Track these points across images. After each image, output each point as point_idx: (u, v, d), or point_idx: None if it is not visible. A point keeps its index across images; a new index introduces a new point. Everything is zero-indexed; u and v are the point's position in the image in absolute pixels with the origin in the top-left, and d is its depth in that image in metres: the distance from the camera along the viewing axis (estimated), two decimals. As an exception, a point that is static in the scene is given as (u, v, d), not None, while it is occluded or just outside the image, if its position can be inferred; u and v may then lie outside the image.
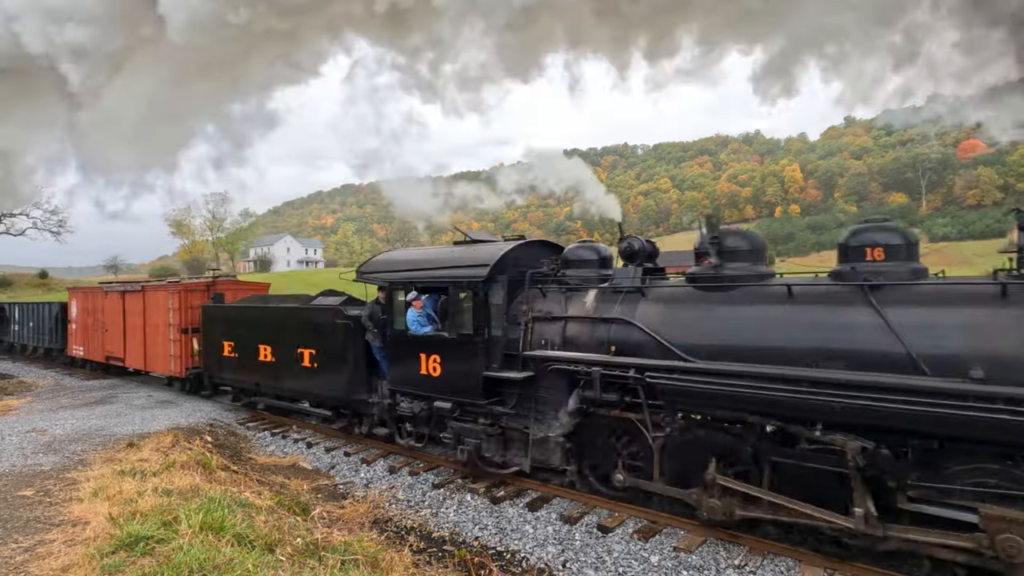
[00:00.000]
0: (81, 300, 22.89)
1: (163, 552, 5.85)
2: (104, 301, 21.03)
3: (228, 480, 9.49)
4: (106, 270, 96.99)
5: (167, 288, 17.67)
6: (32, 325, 27.16)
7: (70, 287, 24.93)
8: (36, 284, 69.26)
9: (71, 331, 23.63)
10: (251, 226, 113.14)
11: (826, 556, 6.90)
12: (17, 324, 29.19)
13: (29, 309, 27.97)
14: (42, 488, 8.77)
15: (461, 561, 7.53)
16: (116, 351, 20.45)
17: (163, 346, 17.62)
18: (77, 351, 23.14)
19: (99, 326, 21.35)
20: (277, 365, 13.39)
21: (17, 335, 29.37)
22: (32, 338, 27.48)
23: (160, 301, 17.76)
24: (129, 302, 19.53)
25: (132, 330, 19.34)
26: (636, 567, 7.23)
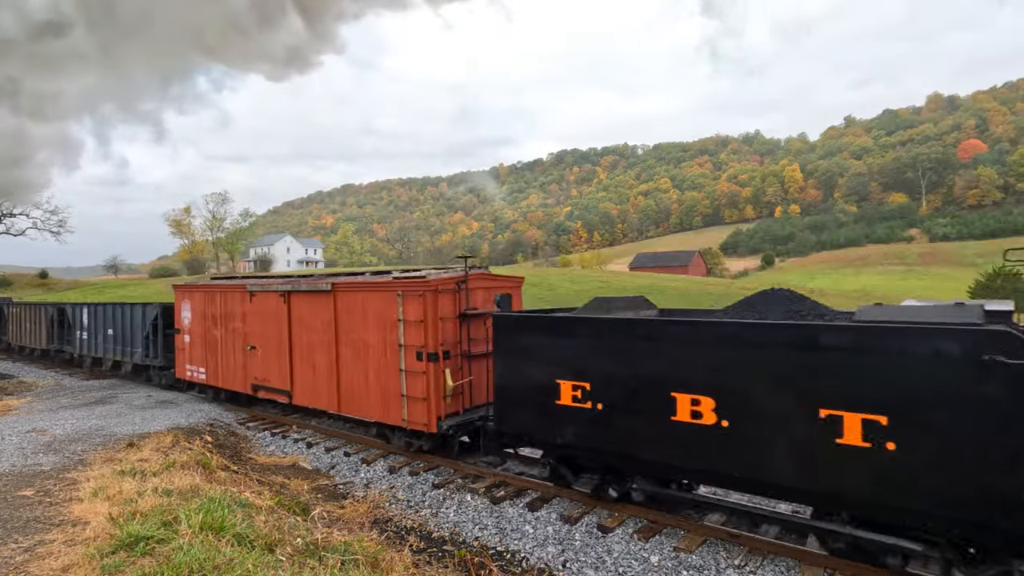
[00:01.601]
0: (200, 302, 16.21)
1: (163, 552, 5.85)
2: (247, 305, 14.55)
3: (228, 480, 9.49)
4: (106, 270, 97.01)
5: (392, 287, 10.89)
6: (111, 333, 21.16)
7: (179, 284, 17.85)
8: (36, 284, 69.26)
9: (181, 345, 17.21)
10: (251, 226, 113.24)
11: (826, 556, 6.89)
12: (85, 331, 23.01)
13: (107, 312, 21.67)
14: (42, 488, 8.77)
15: (461, 561, 7.53)
16: (273, 379, 13.90)
17: (384, 379, 11.08)
18: (195, 373, 16.66)
19: (236, 341, 14.96)
20: (739, 433, 6.91)
21: (87, 345, 23.00)
22: (112, 350, 21.23)
23: (377, 307, 11.17)
24: (302, 307, 12.96)
25: (308, 350, 12.85)
26: (636, 567, 7.23)
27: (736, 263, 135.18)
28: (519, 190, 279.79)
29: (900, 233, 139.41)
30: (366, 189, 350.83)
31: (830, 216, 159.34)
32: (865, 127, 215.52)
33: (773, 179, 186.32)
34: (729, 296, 50.32)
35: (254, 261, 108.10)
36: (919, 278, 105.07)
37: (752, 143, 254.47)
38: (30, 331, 27.62)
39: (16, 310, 29.67)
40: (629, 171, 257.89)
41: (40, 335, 26.38)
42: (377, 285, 11.26)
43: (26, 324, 28.08)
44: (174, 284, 18.36)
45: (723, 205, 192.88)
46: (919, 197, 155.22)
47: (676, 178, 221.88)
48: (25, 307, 28.97)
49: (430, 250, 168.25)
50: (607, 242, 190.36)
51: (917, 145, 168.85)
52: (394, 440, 11.62)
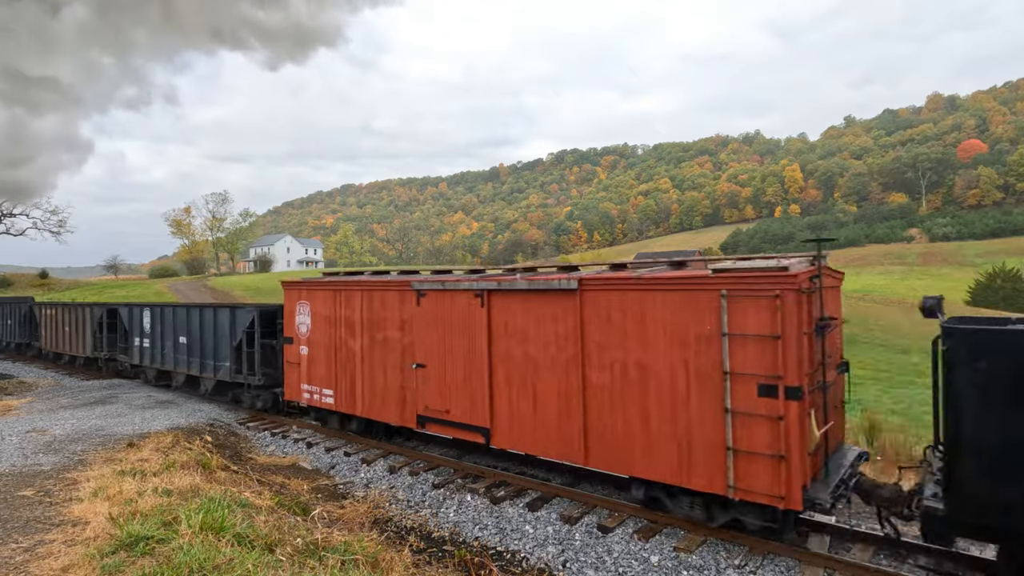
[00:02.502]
0: (328, 304, 12.47)
1: (163, 552, 5.86)
2: (410, 308, 10.69)
3: (228, 480, 9.49)
4: (106, 270, 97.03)
5: (705, 283, 7.33)
6: (184, 342, 17.26)
7: (292, 281, 13.73)
8: (36, 284, 69.25)
9: (294, 358, 13.40)
10: (251, 226, 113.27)
11: (826, 556, 6.89)
12: (146, 338, 19.20)
13: (178, 316, 17.56)
14: (42, 488, 8.77)
15: (461, 561, 7.53)
16: (456, 410, 10.01)
17: (682, 421, 7.53)
18: (316, 396, 12.90)
19: (391, 356, 11.14)
20: None
21: (148, 355, 19.20)
22: (186, 362, 17.32)
23: (666, 313, 7.66)
24: (514, 312, 9.19)
25: (523, 372, 9.10)
26: (636, 567, 7.23)
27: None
28: (519, 190, 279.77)
29: (900, 233, 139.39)
30: (366, 189, 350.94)
31: (830, 216, 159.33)
32: (865, 127, 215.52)
33: (773, 179, 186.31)
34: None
35: (254, 261, 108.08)
36: (919, 278, 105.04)
37: (752, 143, 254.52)
38: (71, 336, 23.89)
39: (51, 312, 25.70)
40: (629, 171, 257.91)
41: (83, 341, 22.93)
42: (674, 281, 7.54)
43: (65, 328, 24.29)
44: (284, 281, 13.98)
45: (723, 205, 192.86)
46: (919, 197, 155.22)
47: (676, 178, 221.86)
48: (64, 308, 24.74)
49: (430, 250, 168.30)
50: (607, 242, 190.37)
51: (917, 145, 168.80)
52: (692, 512, 7.80)
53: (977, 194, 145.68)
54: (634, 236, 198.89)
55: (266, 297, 51.52)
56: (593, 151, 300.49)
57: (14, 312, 30.33)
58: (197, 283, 67.16)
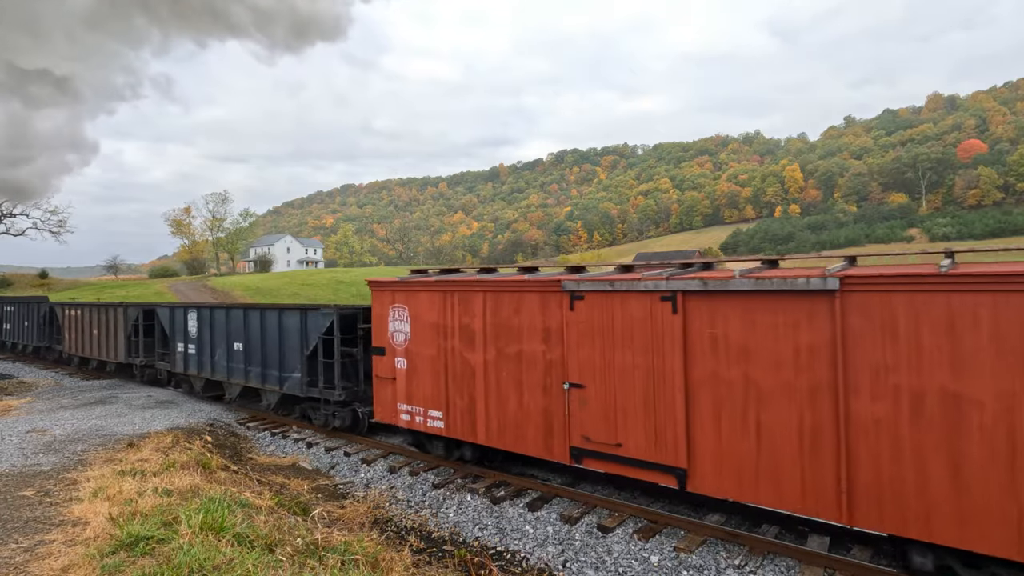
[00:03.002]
0: (436, 307, 10.32)
1: (163, 552, 5.86)
2: (561, 314, 8.72)
3: (228, 480, 9.50)
4: (106, 270, 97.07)
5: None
6: (240, 349, 14.98)
7: (382, 281, 11.37)
8: (36, 284, 69.29)
9: (387, 372, 11.16)
10: (251, 226, 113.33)
11: (826, 556, 6.89)
12: (192, 344, 16.76)
13: (232, 319, 15.30)
14: (42, 488, 8.77)
15: (461, 561, 7.53)
16: (632, 442, 8.02)
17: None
18: (418, 417, 10.70)
19: (532, 373, 9.05)
20: None
21: (194, 363, 16.75)
22: (243, 373, 14.98)
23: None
24: (726, 319, 7.22)
25: (736, 398, 7.16)
26: (636, 567, 7.23)
27: (736, 264, 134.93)
28: (519, 190, 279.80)
29: (900, 233, 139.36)
30: (366, 189, 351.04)
31: (830, 216, 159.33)
32: (865, 127, 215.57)
33: (773, 179, 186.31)
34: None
35: (254, 261, 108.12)
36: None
37: (752, 143, 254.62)
38: (100, 340, 21.64)
39: (76, 312, 23.37)
40: (629, 171, 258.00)
41: (115, 345, 20.68)
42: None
43: (92, 331, 22.10)
44: (371, 280, 11.54)
45: (723, 205, 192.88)
46: (919, 197, 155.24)
47: (676, 178, 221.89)
48: (92, 309, 22.31)
49: (430, 250, 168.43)
50: (607, 242, 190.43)
51: (917, 145, 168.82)
52: None
53: (977, 194, 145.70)
54: (634, 236, 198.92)
55: (266, 297, 51.53)
56: (593, 151, 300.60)
57: (31, 313, 28.01)
58: (197, 283, 67.18)
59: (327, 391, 12.72)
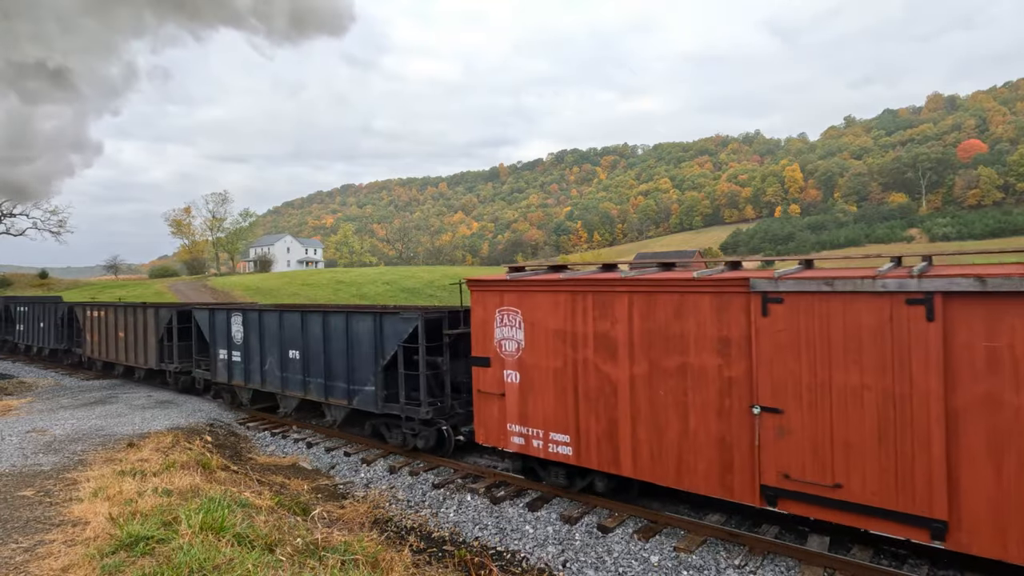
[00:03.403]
0: (557, 311, 8.77)
1: (163, 552, 5.86)
2: (753, 320, 7.04)
3: (228, 480, 9.50)
4: (106, 270, 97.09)
5: None
6: (295, 357, 13.39)
7: (483, 280, 9.74)
8: (36, 284, 69.28)
9: (492, 386, 9.52)
10: (251, 226, 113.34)
11: (827, 556, 6.89)
12: (236, 351, 15.03)
13: (289, 324, 13.57)
14: (42, 488, 8.77)
15: (461, 561, 7.54)
16: (858, 484, 6.40)
17: None
18: (532, 440, 9.08)
19: (700, 393, 7.47)
20: None
21: (240, 371, 15.05)
22: (301, 384, 13.36)
23: None
24: (1001, 327, 5.64)
25: None
26: (636, 567, 7.23)
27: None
28: (519, 190, 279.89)
29: (900, 233, 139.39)
30: (366, 189, 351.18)
31: (830, 216, 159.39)
32: (865, 127, 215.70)
33: (773, 179, 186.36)
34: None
35: (254, 261, 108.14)
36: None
37: (752, 143, 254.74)
38: (128, 344, 19.97)
39: (99, 314, 21.84)
40: (629, 171, 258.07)
41: (145, 350, 19.00)
42: None
43: (118, 333, 20.52)
44: (472, 280, 9.82)
45: (723, 205, 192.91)
46: (919, 197, 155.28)
47: (676, 178, 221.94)
48: (119, 310, 20.74)
49: (430, 250, 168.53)
50: (607, 242, 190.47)
51: (917, 145, 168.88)
52: None
53: (977, 194, 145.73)
54: (634, 236, 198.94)
55: (265, 297, 51.51)
56: (593, 151, 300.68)
57: (47, 314, 26.18)
58: (197, 283, 67.19)
59: (410, 408, 10.92)
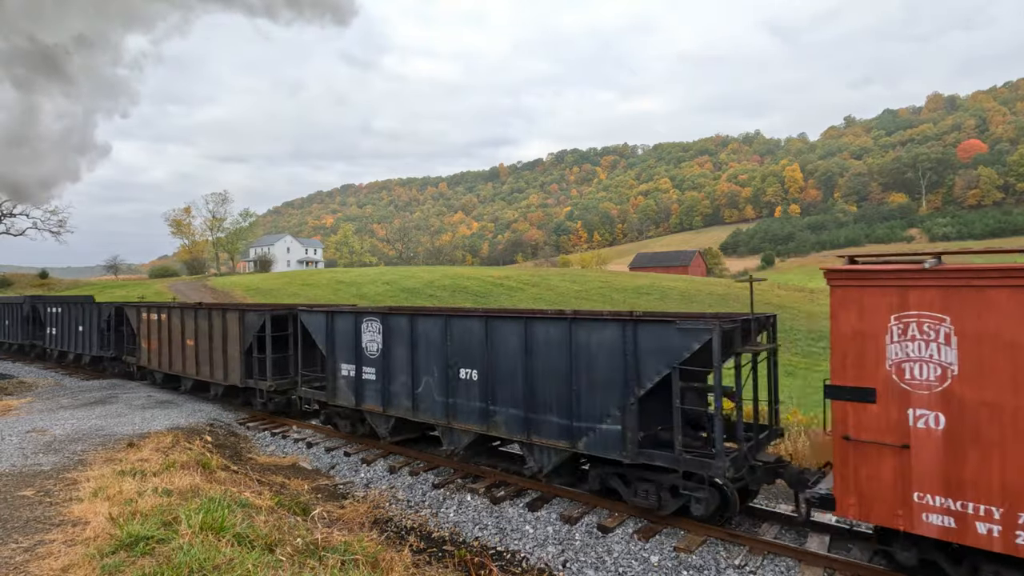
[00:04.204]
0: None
1: (163, 552, 5.86)
2: None
3: (228, 480, 9.50)
4: (106, 270, 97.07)
5: None
6: (471, 377, 10.02)
7: (854, 269, 6.35)
8: (36, 284, 69.27)
9: (886, 435, 6.15)
10: (251, 226, 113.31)
11: (826, 556, 6.89)
12: (368, 365, 11.67)
13: (453, 333, 10.22)
14: (42, 488, 8.77)
15: (461, 561, 7.54)
16: None
17: None
18: (978, 522, 5.70)
19: None
20: None
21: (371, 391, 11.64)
22: (479, 411, 9.85)
23: None
24: None
25: None
26: (636, 567, 7.23)
27: (736, 263, 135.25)
28: (519, 190, 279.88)
29: (900, 233, 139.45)
30: (366, 189, 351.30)
31: (830, 216, 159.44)
32: (865, 127, 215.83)
33: (773, 179, 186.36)
34: (732, 296, 50.34)
35: (254, 261, 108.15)
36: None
37: (752, 143, 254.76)
38: (196, 353, 16.65)
39: (158, 316, 18.41)
40: (629, 171, 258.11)
41: (222, 362, 15.68)
42: None
43: (186, 341, 17.07)
44: (832, 269, 6.58)
45: (723, 205, 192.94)
46: (919, 197, 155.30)
47: (676, 178, 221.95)
48: (185, 313, 17.28)
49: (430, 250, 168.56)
50: (607, 242, 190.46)
51: (917, 145, 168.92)
52: None
53: (977, 194, 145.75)
54: (634, 236, 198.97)
55: (265, 297, 51.49)
56: (593, 151, 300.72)
57: (89, 316, 22.64)
58: (197, 283, 67.20)
59: (694, 460, 7.63)
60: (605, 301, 46.70)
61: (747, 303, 48.56)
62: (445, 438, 10.59)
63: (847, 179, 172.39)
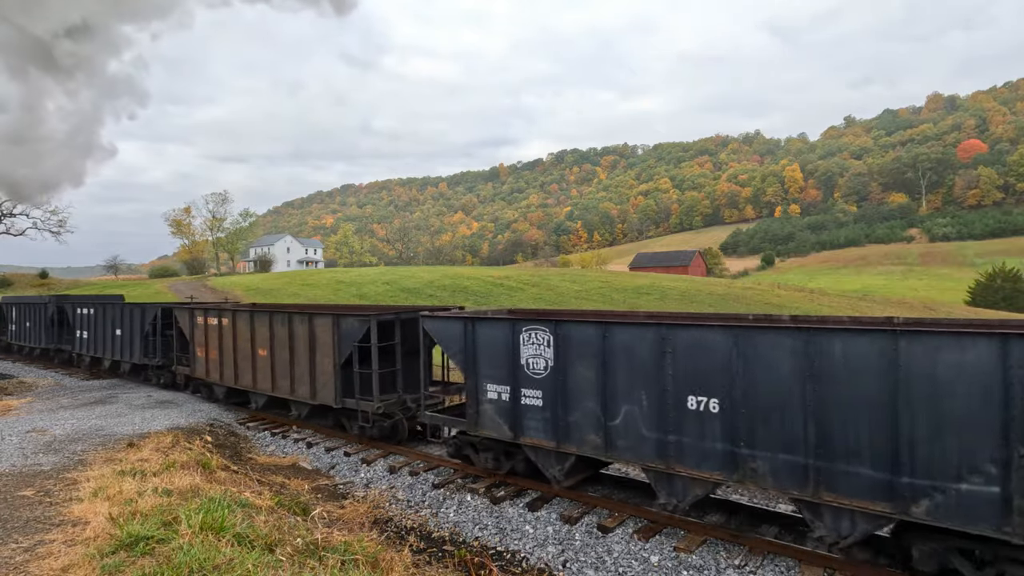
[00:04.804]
0: None
1: (163, 552, 5.86)
2: None
3: (228, 480, 9.49)
4: (106, 270, 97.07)
5: None
6: (712, 408, 7.29)
7: None
8: (36, 284, 69.26)
9: None
10: (251, 226, 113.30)
11: (826, 556, 6.89)
12: (532, 388, 8.97)
13: (692, 348, 7.44)
14: (42, 488, 8.77)
15: (461, 561, 7.53)
16: None
17: None
18: None
19: None
20: None
21: (539, 421, 8.91)
22: (760, 463, 6.93)
23: None
24: None
25: None
26: (636, 567, 7.23)
27: (736, 263, 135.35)
28: (519, 190, 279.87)
29: (900, 233, 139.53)
30: (366, 189, 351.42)
31: (830, 216, 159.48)
32: (865, 127, 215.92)
33: (773, 179, 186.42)
34: (732, 296, 50.32)
35: (254, 261, 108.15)
36: (919, 278, 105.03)
37: (752, 143, 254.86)
38: (271, 365, 13.89)
39: (215, 321, 15.68)
40: (629, 171, 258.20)
41: (308, 377, 12.94)
42: None
43: (254, 349, 14.39)
44: None
45: (723, 205, 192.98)
46: (919, 197, 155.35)
47: (676, 178, 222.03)
48: (255, 317, 14.47)
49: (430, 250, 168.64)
50: (607, 242, 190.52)
51: (917, 145, 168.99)
52: None
53: (977, 194, 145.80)
54: (634, 236, 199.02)
55: (265, 297, 51.48)
56: (593, 151, 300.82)
57: (129, 319, 19.67)
58: (197, 283, 67.22)
59: None
60: (605, 301, 46.71)
61: (747, 303, 48.51)
62: (661, 487, 7.92)
63: (847, 179, 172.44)
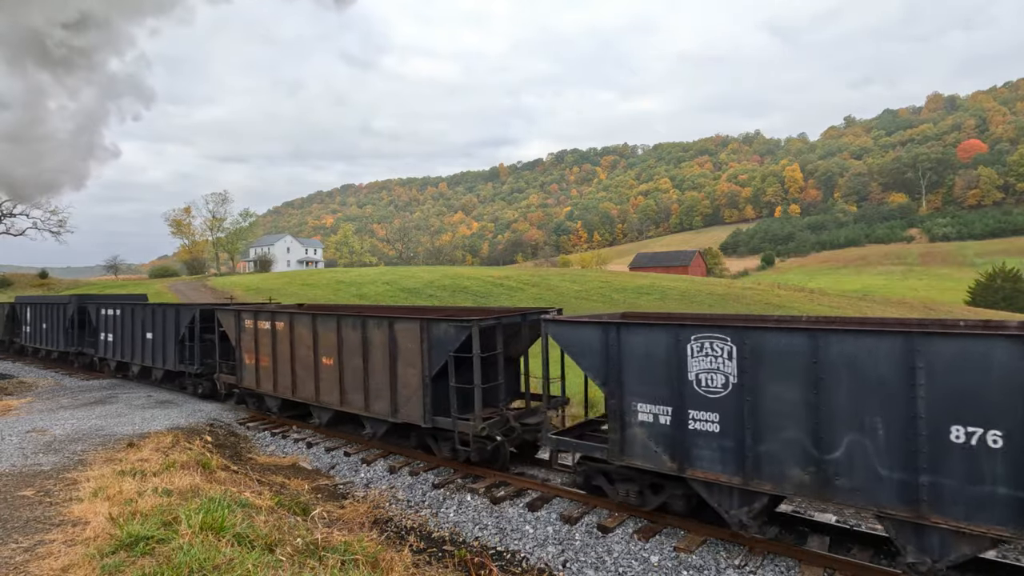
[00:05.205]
0: None
1: (163, 552, 5.85)
2: None
3: (228, 480, 9.49)
4: (106, 270, 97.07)
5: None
6: (994, 444, 5.35)
7: None
8: (36, 284, 69.24)
9: None
10: (251, 226, 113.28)
11: (826, 556, 6.89)
12: (705, 411, 7.17)
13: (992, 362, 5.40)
14: (42, 488, 8.77)
15: (461, 561, 7.53)
16: None
17: None
18: None
19: None
20: None
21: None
22: None
23: None
24: None
25: None
26: (636, 567, 7.23)
27: (736, 263, 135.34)
28: (519, 190, 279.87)
29: (900, 233, 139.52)
30: (366, 189, 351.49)
31: (830, 216, 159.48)
32: (865, 127, 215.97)
33: (773, 179, 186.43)
34: (732, 296, 50.32)
35: (254, 261, 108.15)
36: (919, 278, 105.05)
37: (752, 143, 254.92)
38: (340, 377, 11.96)
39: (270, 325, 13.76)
40: (629, 171, 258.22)
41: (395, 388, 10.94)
42: None
43: (317, 359, 12.54)
44: None
45: (723, 205, 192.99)
46: (919, 197, 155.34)
47: (676, 178, 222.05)
48: (318, 321, 12.48)
49: (430, 250, 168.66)
50: (607, 242, 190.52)
51: (917, 145, 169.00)
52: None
53: (977, 194, 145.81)
54: (634, 236, 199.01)
55: (265, 297, 51.44)
56: (593, 151, 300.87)
57: (159, 320, 18.15)
58: (197, 283, 67.21)
59: None
60: (605, 301, 46.70)
61: (747, 303, 48.50)
62: (907, 540, 6.20)
63: (847, 179, 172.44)
